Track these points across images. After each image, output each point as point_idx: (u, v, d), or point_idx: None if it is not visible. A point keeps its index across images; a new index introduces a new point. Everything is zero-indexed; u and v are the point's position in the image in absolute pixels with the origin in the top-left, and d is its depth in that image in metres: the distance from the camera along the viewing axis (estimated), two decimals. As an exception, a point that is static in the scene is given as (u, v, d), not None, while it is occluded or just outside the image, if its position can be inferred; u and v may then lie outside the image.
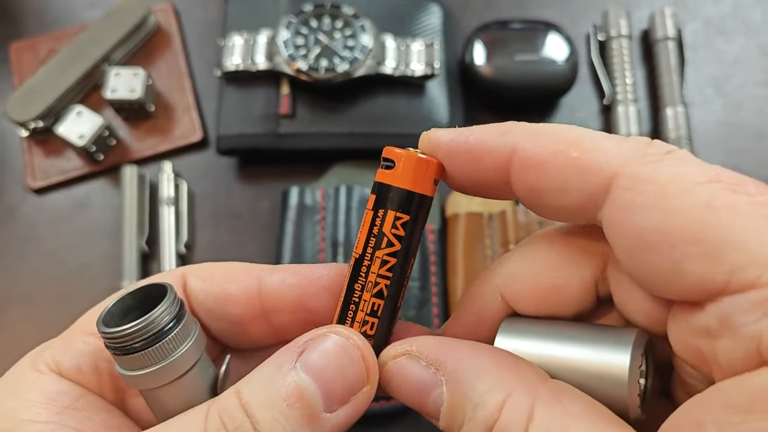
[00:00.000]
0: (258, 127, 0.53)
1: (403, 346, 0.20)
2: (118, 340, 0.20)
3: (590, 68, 0.59)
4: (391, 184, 0.21)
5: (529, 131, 0.20)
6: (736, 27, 0.61)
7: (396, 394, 0.21)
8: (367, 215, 0.21)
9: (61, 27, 0.60)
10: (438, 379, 0.19)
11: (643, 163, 0.17)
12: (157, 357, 0.20)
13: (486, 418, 0.18)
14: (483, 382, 0.18)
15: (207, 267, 0.24)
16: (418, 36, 0.56)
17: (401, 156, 0.21)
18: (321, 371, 0.19)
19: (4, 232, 0.54)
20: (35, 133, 0.54)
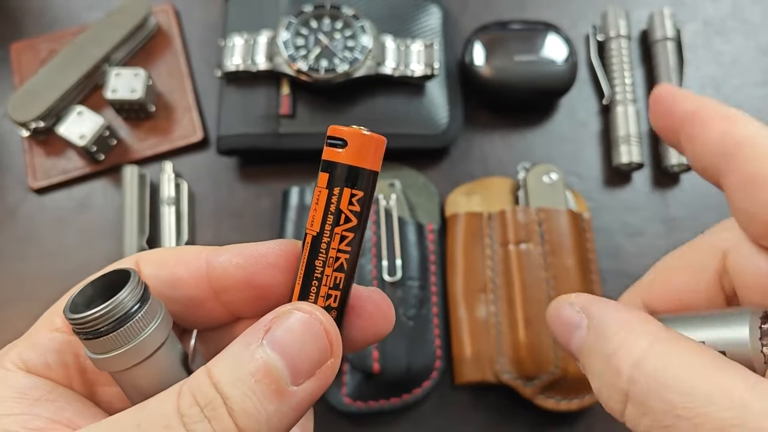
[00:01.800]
0: (258, 127, 0.53)
1: (565, 296, 0.25)
2: (86, 324, 0.20)
3: (589, 69, 0.59)
4: (344, 162, 0.21)
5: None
6: (735, 27, 0.61)
7: (553, 330, 0.25)
8: (321, 193, 0.21)
9: (61, 27, 0.60)
10: (582, 320, 0.23)
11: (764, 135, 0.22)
12: (125, 339, 0.21)
13: (607, 352, 0.21)
14: (619, 333, 0.21)
15: (159, 252, 0.25)
16: (418, 37, 0.56)
17: (351, 134, 0.22)
18: (286, 347, 0.20)
19: (5, 232, 0.54)
20: (36, 133, 0.54)
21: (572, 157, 0.57)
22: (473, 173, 0.56)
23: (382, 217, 0.51)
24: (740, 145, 0.22)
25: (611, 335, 0.21)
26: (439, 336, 0.49)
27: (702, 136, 0.23)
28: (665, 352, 0.20)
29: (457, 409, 0.49)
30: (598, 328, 0.22)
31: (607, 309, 0.23)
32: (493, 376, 0.47)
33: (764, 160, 0.21)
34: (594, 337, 0.22)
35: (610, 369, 0.21)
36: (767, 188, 0.21)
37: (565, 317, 0.24)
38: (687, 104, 0.24)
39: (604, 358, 0.21)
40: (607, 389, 0.21)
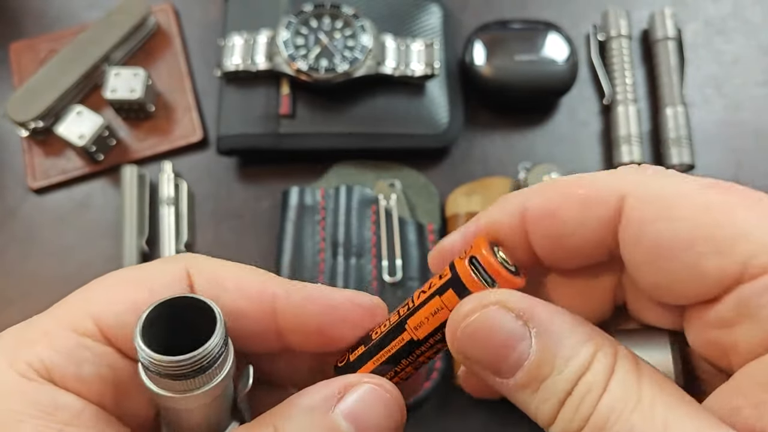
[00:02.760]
0: (258, 127, 0.53)
1: (494, 296, 0.19)
2: (169, 367, 0.19)
3: (590, 68, 0.59)
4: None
5: (531, 191, 0.21)
6: (736, 27, 0.61)
7: (474, 351, 0.19)
8: (441, 311, 0.20)
9: (60, 27, 0.60)
10: (527, 332, 0.19)
11: (645, 182, 0.19)
12: (203, 382, 0.20)
13: (577, 370, 0.18)
14: (575, 334, 0.18)
15: (212, 267, 0.23)
16: (418, 36, 0.56)
17: (504, 279, 0.20)
18: (359, 419, 0.20)
19: (5, 232, 0.54)
20: (35, 133, 0.54)
21: (573, 157, 0.56)
22: (474, 173, 0.56)
23: (382, 218, 0.51)
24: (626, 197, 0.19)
25: (579, 351, 0.18)
26: (440, 336, 0.49)
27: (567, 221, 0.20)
28: (631, 371, 0.18)
29: (457, 409, 0.49)
30: (556, 341, 0.18)
31: (552, 312, 0.19)
32: (493, 376, 0.47)
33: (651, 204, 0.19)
34: (551, 351, 0.18)
35: (577, 392, 0.18)
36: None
37: (505, 330, 0.19)
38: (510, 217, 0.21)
39: (572, 374, 0.18)
40: (562, 419, 0.18)
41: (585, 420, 0.17)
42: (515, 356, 0.19)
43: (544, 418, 0.18)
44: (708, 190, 0.18)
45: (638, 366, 0.18)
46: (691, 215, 0.18)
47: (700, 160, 0.55)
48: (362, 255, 0.50)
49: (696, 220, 0.18)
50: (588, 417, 0.17)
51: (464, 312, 0.19)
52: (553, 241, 0.21)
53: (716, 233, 0.17)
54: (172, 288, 0.22)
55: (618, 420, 0.17)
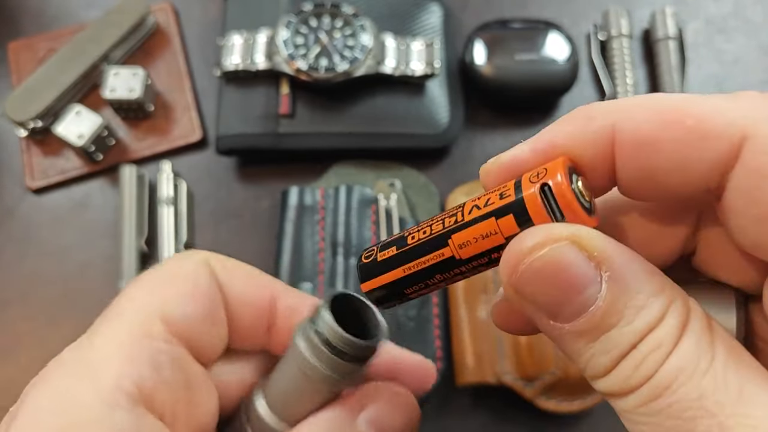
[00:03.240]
0: (258, 126, 0.53)
1: (567, 228, 0.16)
2: (356, 349, 0.21)
3: (591, 68, 0.59)
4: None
5: (622, 108, 0.17)
6: (737, 26, 0.60)
7: (535, 289, 0.17)
8: (495, 236, 0.18)
9: (59, 26, 0.60)
10: (598, 275, 0.16)
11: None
12: (361, 369, 0.22)
13: (649, 322, 0.16)
14: (650, 284, 0.16)
15: (225, 260, 0.24)
16: (419, 35, 0.56)
17: (578, 218, 0.17)
18: (381, 424, 0.22)
19: (3, 232, 0.54)
20: (34, 132, 0.54)
21: (573, 157, 0.56)
22: (474, 173, 0.56)
23: (382, 217, 0.51)
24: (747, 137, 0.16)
25: (650, 303, 0.16)
26: (440, 337, 0.49)
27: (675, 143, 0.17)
28: (703, 330, 0.16)
29: (457, 410, 0.49)
30: (628, 289, 0.16)
31: (628, 258, 0.17)
32: (493, 377, 0.47)
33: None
34: (620, 300, 0.16)
35: (642, 348, 0.16)
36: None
37: (575, 270, 0.16)
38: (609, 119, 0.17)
39: (643, 326, 0.16)
40: (618, 373, 0.16)
41: (646, 378, 0.16)
42: (581, 300, 0.16)
43: (597, 369, 0.17)
44: None
45: (712, 326, 0.16)
46: None
47: (701, 160, 0.55)
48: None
49: None
50: (650, 376, 0.16)
51: (530, 245, 0.17)
52: (644, 174, 0.17)
53: None
54: (204, 276, 0.23)
55: (687, 382, 0.15)
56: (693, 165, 0.16)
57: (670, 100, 0.17)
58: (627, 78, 0.57)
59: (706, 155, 0.16)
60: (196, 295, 0.22)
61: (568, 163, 0.17)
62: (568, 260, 0.16)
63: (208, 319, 0.22)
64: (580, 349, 0.17)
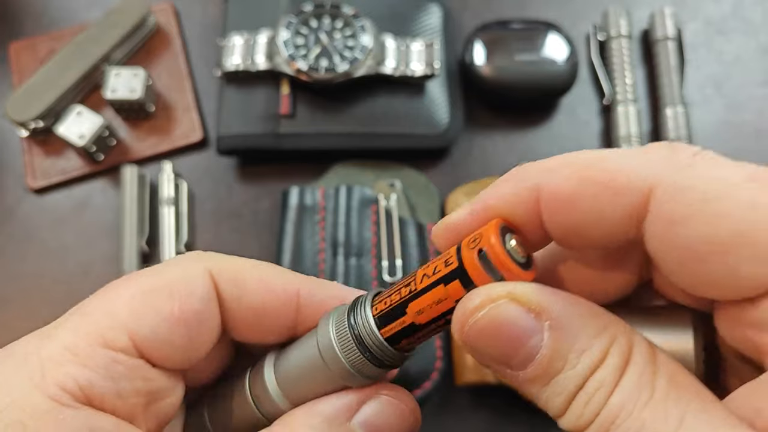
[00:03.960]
0: (258, 127, 0.53)
1: (502, 287, 0.18)
2: (386, 356, 0.21)
3: (590, 68, 0.59)
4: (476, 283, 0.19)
5: (546, 168, 0.19)
6: (736, 27, 0.61)
7: (484, 344, 0.18)
8: (446, 301, 0.19)
9: (60, 27, 0.60)
10: (539, 326, 0.17)
11: (677, 171, 0.17)
12: (379, 373, 0.22)
13: (590, 365, 0.17)
14: (589, 327, 0.17)
15: (237, 268, 0.23)
16: (418, 36, 0.56)
17: (514, 276, 0.19)
18: (377, 429, 0.21)
19: (4, 232, 0.54)
20: (35, 133, 0.54)
21: (573, 157, 0.56)
22: (474, 173, 0.56)
23: (383, 218, 0.51)
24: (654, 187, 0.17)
25: (592, 345, 0.17)
26: (440, 336, 0.49)
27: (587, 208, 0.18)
28: (647, 362, 0.17)
29: (457, 410, 0.49)
30: (570, 335, 0.17)
31: (565, 304, 0.18)
32: (493, 376, 0.47)
33: (682, 195, 0.17)
34: (564, 345, 0.17)
35: (588, 388, 0.17)
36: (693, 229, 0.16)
37: (517, 324, 0.18)
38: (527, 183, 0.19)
39: (586, 368, 0.17)
40: (572, 412, 0.17)
41: (594, 415, 0.17)
42: (526, 350, 0.18)
43: (554, 410, 0.18)
44: (751, 184, 0.16)
45: (655, 358, 0.17)
46: (730, 213, 0.16)
47: (700, 160, 0.55)
48: (362, 255, 0.50)
49: (738, 221, 0.16)
50: (597, 412, 0.17)
51: (472, 307, 0.18)
52: (569, 229, 0.19)
53: (759, 236, 0.15)
54: (199, 294, 0.22)
55: (629, 416, 0.16)
56: (609, 218, 0.18)
57: (586, 159, 0.18)
58: (626, 78, 0.57)
59: (619, 208, 0.17)
60: (176, 319, 0.21)
61: (500, 224, 0.19)
62: (507, 316, 0.18)
63: (188, 342, 0.21)
64: (537, 393, 0.18)
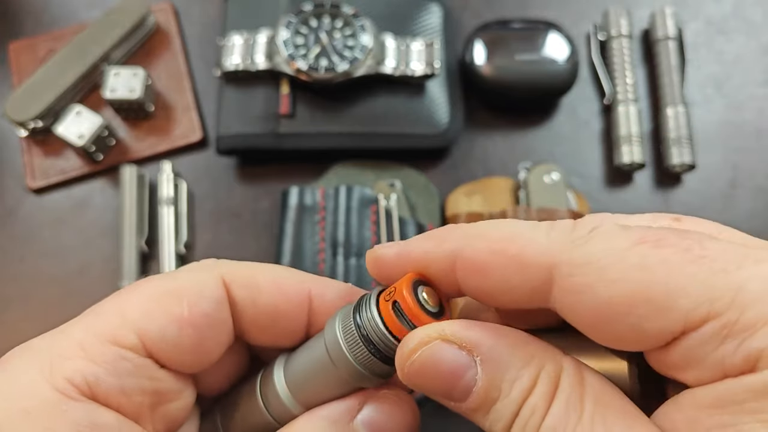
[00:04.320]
0: (258, 127, 0.53)
1: (433, 329, 0.20)
2: (394, 352, 0.21)
3: (591, 68, 0.59)
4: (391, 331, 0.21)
5: (466, 235, 0.21)
6: (736, 26, 0.60)
7: (424, 382, 0.20)
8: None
9: (60, 27, 0.60)
10: (472, 361, 0.19)
11: (574, 247, 0.18)
12: (388, 371, 0.22)
13: (521, 393, 0.19)
14: (517, 358, 0.19)
15: (250, 273, 0.23)
16: (419, 35, 0.56)
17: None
18: (378, 428, 0.22)
19: (4, 232, 0.54)
20: (34, 132, 0.54)
21: (573, 157, 0.56)
22: (474, 173, 0.56)
23: (383, 217, 0.51)
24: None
25: (522, 375, 0.19)
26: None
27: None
28: (574, 386, 0.19)
29: (457, 410, 0.49)
30: (501, 366, 0.19)
31: (494, 338, 0.20)
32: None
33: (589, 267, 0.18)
34: (496, 377, 0.19)
35: (522, 414, 0.19)
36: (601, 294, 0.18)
37: (450, 362, 0.19)
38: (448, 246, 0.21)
39: (518, 396, 0.19)
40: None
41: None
42: (464, 384, 0.19)
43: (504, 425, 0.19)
44: (638, 247, 0.18)
45: (582, 380, 0.19)
46: (624, 277, 0.17)
47: (700, 160, 0.55)
48: (362, 255, 0.50)
49: (630, 282, 0.17)
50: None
51: (408, 350, 0.20)
52: (480, 292, 0.20)
53: (653, 294, 0.17)
54: (209, 298, 0.22)
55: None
56: (518, 288, 0.19)
57: (500, 232, 0.20)
58: (627, 78, 0.57)
59: (526, 281, 0.19)
60: (185, 321, 0.21)
61: (413, 279, 0.21)
62: (440, 355, 0.20)
63: (197, 344, 0.22)
64: (480, 421, 0.20)
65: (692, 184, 0.55)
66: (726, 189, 0.55)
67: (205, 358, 0.23)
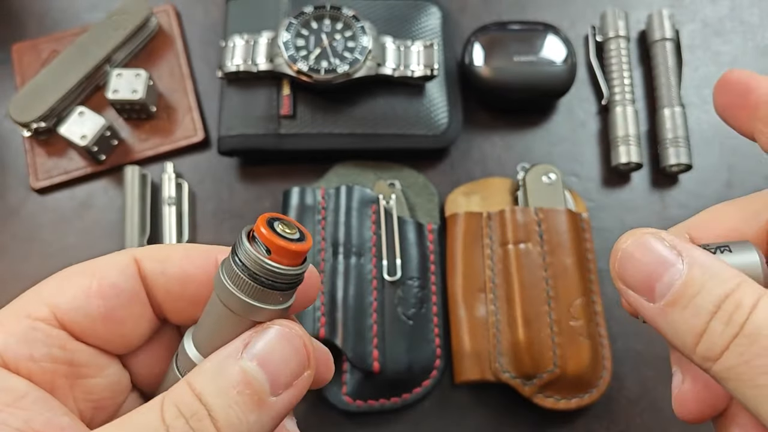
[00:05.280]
0: (259, 127, 0.54)
1: (647, 229, 0.21)
2: (282, 276, 0.21)
3: (588, 69, 0.59)
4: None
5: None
6: (733, 28, 0.61)
7: (630, 269, 0.21)
8: None
9: (62, 28, 0.60)
10: (679, 259, 0.20)
11: None
12: (287, 298, 0.22)
13: (726, 288, 0.19)
14: (723, 269, 0.20)
15: (161, 249, 0.25)
16: (418, 37, 0.56)
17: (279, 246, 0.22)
18: (267, 359, 0.21)
19: (7, 232, 0.54)
20: (38, 133, 0.55)
21: (571, 158, 0.57)
22: (473, 173, 0.56)
23: (382, 217, 0.51)
24: None
25: (727, 277, 0.20)
26: (439, 335, 0.49)
27: None
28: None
29: (456, 408, 0.50)
30: (707, 268, 0.20)
31: (699, 250, 0.21)
32: (492, 375, 0.47)
33: None
34: (701, 276, 0.20)
35: (725, 308, 0.19)
36: None
37: (657, 254, 0.21)
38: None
39: (719, 291, 0.19)
40: (710, 333, 0.19)
41: (736, 333, 0.19)
42: (667, 278, 0.20)
43: (692, 336, 0.20)
44: None
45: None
46: None
47: (697, 161, 0.56)
48: (362, 254, 0.50)
49: None
50: (736, 333, 0.19)
51: (623, 239, 0.21)
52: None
53: None
54: (118, 271, 0.23)
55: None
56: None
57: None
58: (624, 79, 0.57)
59: None
60: (94, 292, 0.23)
61: (267, 217, 0.22)
62: (650, 245, 0.21)
63: (107, 314, 0.23)
64: (675, 319, 0.20)
65: (689, 185, 0.56)
66: (722, 189, 0.56)
67: (123, 330, 0.24)
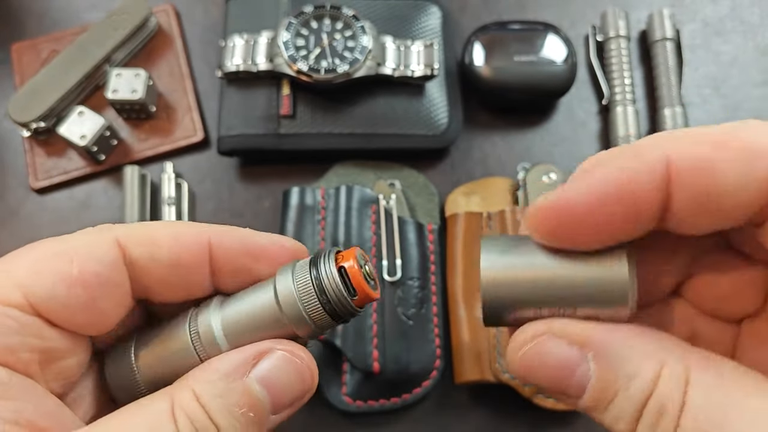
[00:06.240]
0: (259, 127, 0.53)
1: (541, 326, 0.20)
2: (342, 308, 0.22)
3: (589, 69, 0.59)
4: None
5: (675, 139, 0.18)
6: (734, 27, 0.61)
7: (534, 377, 0.20)
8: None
9: (62, 28, 0.60)
10: (583, 356, 0.19)
11: None
12: (330, 325, 0.23)
13: (643, 388, 0.17)
14: (634, 353, 0.18)
15: (146, 229, 0.24)
16: (418, 37, 0.56)
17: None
18: (273, 383, 0.22)
19: (7, 232, 0.54)
20: (37, 133, 0.55)
21: (572, 157, 0.57)
22: (473, 173, 0.56)
23: (382, 217, 0.51)
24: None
25: (639, 369, 0.18)
26: (439, 335, 0.49)
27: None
28: (709, 381, 0.17)
29: (456, 408, 0.49)
30: (614, 360, 0.18)
31: (607, 332, 0.19)
32: (492, 375, 0.47)
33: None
34: (611, 373, 0.18)
35: (649, 412, 0.17)
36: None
37: (559, 357, 0.19)
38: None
39: (639, 393, 0.17)
40: (629, 416, 0.18)
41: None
42: (577, 380, 0.19)
43: (624, 415, 0.18)
44: None
45: (715, 370, 0.17)
46: None
47: (697, 161, 0.55)
48: (362, 254, 0.50)
49: None
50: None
51: (519, 342, 0.20)
52: (703, 199, 0.17)
53: None
54: (101, 258, 0.22)
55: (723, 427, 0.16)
56: (751, 181, 0.17)
57: (709, 129, 0.18)
58: (624, 79, 0.57)
59: (761, 170, 0.17)
60: (74, 281, 0.22)
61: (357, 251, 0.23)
62: (547, 350, 0.19)
63: (89, 304, 0.22)
64: (600, 419, 0.19)
65: (689, 185, 0.56)
66: (723, 189, 0.56)
67: (102, 318, 0.23)
